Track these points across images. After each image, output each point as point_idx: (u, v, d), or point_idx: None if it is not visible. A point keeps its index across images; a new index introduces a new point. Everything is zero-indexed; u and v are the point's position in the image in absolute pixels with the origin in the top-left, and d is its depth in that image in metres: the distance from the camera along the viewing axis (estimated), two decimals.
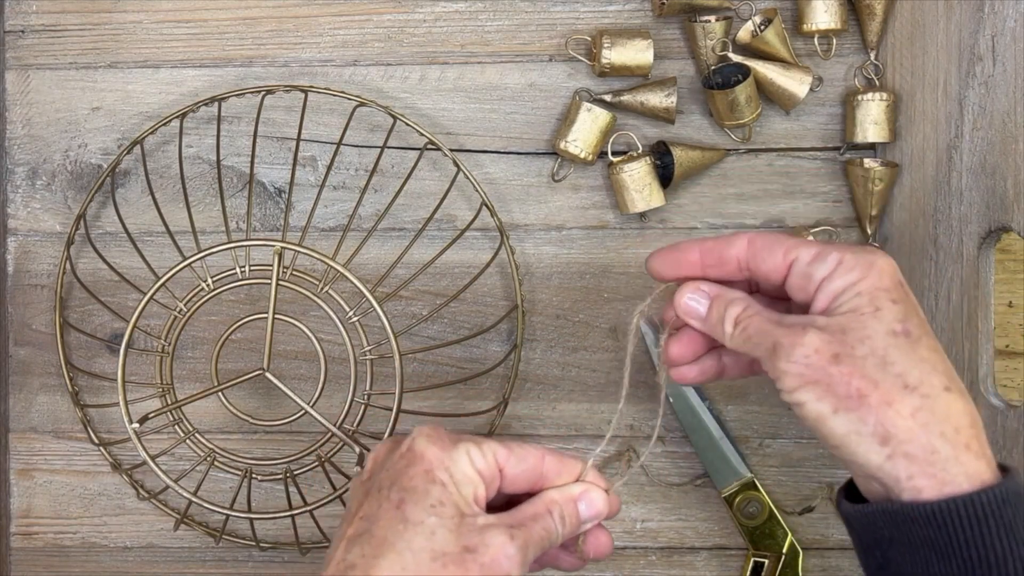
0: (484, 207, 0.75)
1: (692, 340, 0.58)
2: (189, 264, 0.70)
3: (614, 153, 0.75)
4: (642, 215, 0.76)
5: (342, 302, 0.75)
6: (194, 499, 0.72)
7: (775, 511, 0.76)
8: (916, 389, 0.48)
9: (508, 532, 0.49)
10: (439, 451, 0.50)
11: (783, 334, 0.50)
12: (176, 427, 0.77)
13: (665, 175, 0.75)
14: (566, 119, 0.75)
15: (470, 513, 0.49)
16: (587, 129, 0.74)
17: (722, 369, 0.60)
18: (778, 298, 0.56)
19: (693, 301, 0.56)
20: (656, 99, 0.74)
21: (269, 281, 0.71)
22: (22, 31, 0.78)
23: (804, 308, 0.53)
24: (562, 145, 0.74)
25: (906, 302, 0.51)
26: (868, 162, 0.74)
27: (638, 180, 0.74)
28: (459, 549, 0.48)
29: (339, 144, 0.74)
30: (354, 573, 0.47)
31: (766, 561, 0.76)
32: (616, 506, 0.55)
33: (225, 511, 0.73)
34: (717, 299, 0.55)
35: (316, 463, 0.76)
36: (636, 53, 0.73)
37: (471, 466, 0.50)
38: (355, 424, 0.74)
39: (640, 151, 0.74)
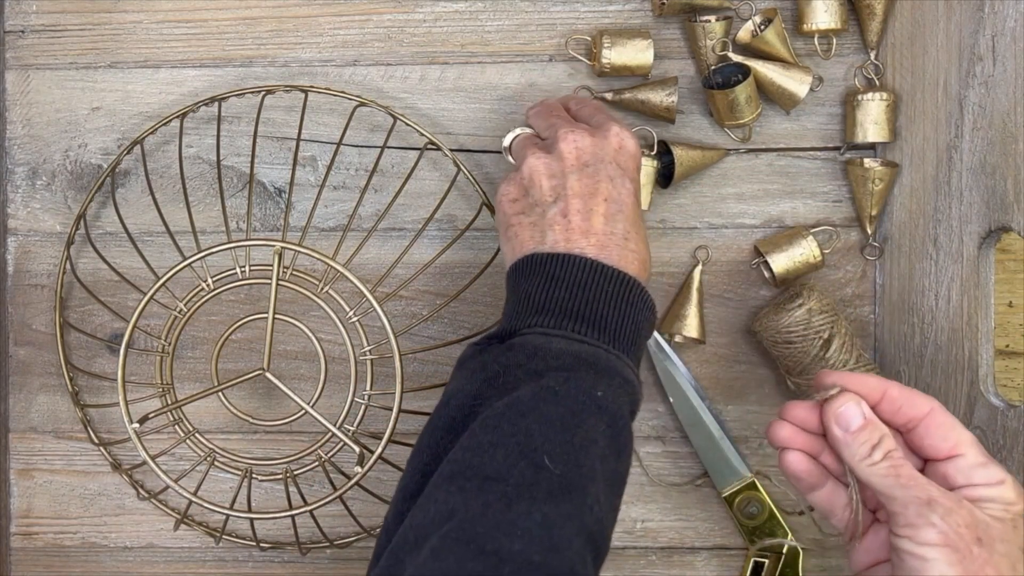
0: (484, 207, 0.75)
1: (809, 439, 0.61)
2: (189, 264, 0.70)
3: None
4: None
5: (342, 302, 0.75)
6: (194, 499, 0.72)
7: (775, 511, 0.76)
8: None
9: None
10: (638, 152, 0.64)
11: (939, 493, 0.54)
12: (176, 427, 0.77)
13: (665, 174, 0.75)
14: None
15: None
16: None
17: (821, 483, 0.61)
18: None
19: (851, 411, 0.57)
20: (657, 98, 0.74)
21: (269, 281, 0.71)
22: (22, 31, 0.78)
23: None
24: None
25: None
26: (868, 162, 0.74)
27: None
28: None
29: (339, 144, 0.74)
30: (629, 240, 0.60)
31: (766, 561, 0.76)
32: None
33: (225, 511, 0.73)
34: (874, 424, 0.57)
35: (316, 463, 0.76)
36: (636, 53, 0.73)
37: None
38: (355, 424, 0.74)
39: (652, 152, 0.74)
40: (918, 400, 0.58)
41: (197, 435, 0.77)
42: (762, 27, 0.74)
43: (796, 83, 0.73)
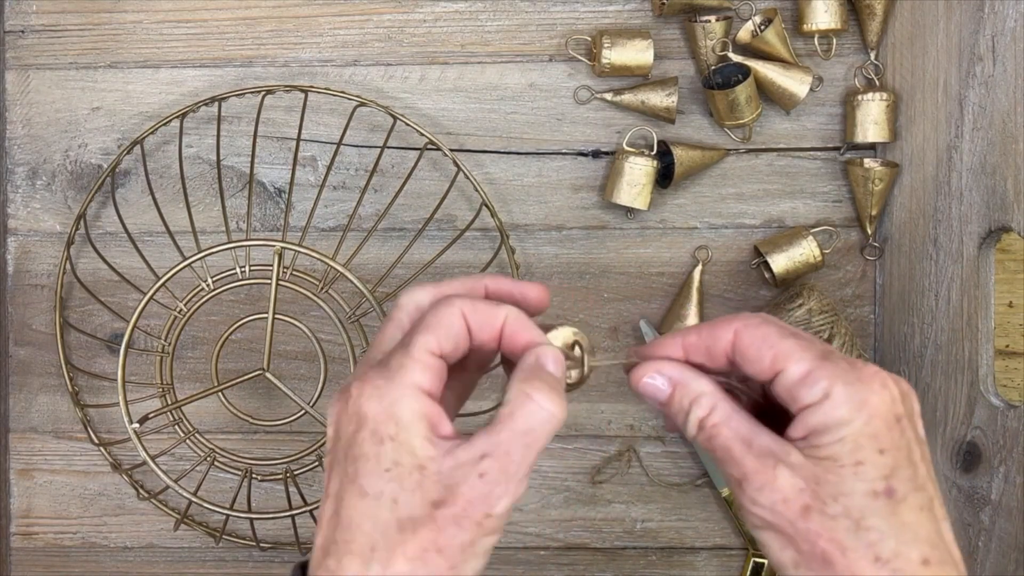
0: (484, 207, 0.75)
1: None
2: (189, 264, 0.70)
3: (630, 145, 0.75)
4: (628, 211, 0.76)
5: (342, 302, 0.75)
6: (194, 499, 0.72)
7: None
8: (888, 563, 0.43)
9: (478, 468, 0.43)
10: (378, 404, 0.44)
11: (752, 466, 0.45)
12: (176, 427, 0.77)
13: (665, 174, 0.75)
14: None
15: (430, 456, 0.44)
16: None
17: None
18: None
19: (652, 384, 0.48)
20: (657, 98, 0.74)
21: (269, 281, 0.71)
22: (22, 31, 0.78)
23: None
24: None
25: (896, 450, 0.45)
26: (868, 162, 0.74)
27: (636, 175, 0.74)
28: (427, 508, 0.43)
29: (339, 144, 0.74)
30: (330, 561, 0.44)
31: (766, 561, 0.76)
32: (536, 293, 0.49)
33: (225, 511, 0.73)
34: (680, 388, 0.47)
35: (316, 463, 0.76)
36: (636, 53, 0.73)
37: (418, 399, 0.44)
38: None
39: (652, 152, 0.74)
40: (718, 331, 0.47)
41: (197, 435, 0.77)
42: (762, 27, 0.74)
43: (796, 83, 0.73)
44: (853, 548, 0.43)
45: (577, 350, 0.48)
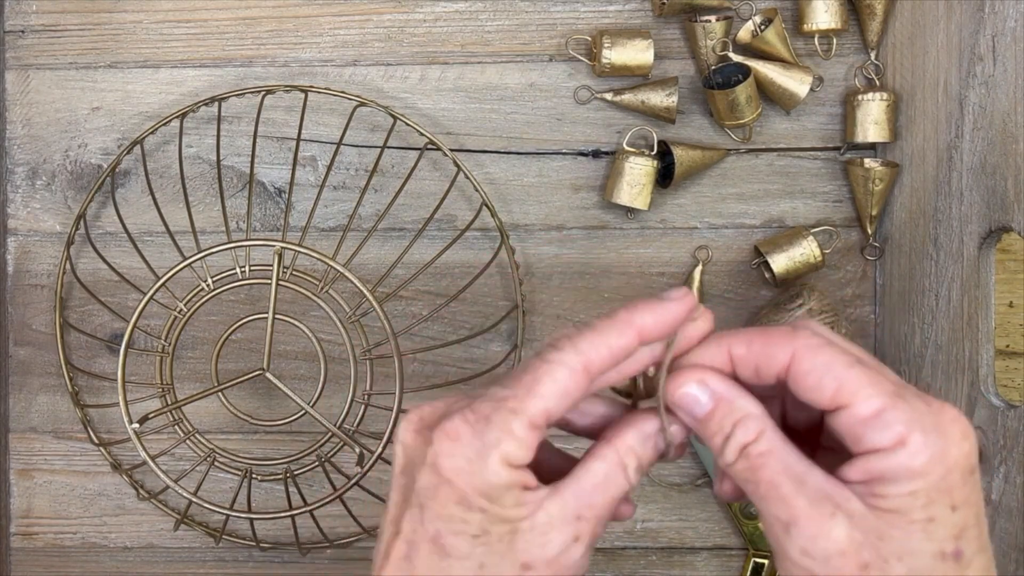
0: (484, 207, 0.75)
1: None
2: (189, 264, 0.70)
3: (630, 145, 0.75)
4: (629, 211, 0.76)
5: (342, 302, 0.75)
6: (194, 499, 0.72)
7: None
8: None
9: (573, 530, 0.41)
10: (467, 468, 0.41)
11: (805, 510, 0.40)
12: (176, 427, 0.77)
13: (665, 174, 0.75)
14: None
15: (522, 516, 0.41)
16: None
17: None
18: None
19: (691, 394, 0.42)
20: (657, 98, 0.74)
21: (269, 281, 0.71)
22: (22, 31, 0.78)
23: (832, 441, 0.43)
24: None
25: (967, 506, 0.40)
26: (868, 162, 0.74)
27: (636, 175, 0.74)
28: (516, 569, 0.41)
29: (339, 144, 0.74)
30: None
31: (766, 561, 0.76)
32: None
33: (225, 511, 0.73)
34: (724, 405, 0.42)
35: (316, 463, 0.76)
36: (636, 53, 0.73)
37: (509, 472, 0.41)
38: (355, 424, 0.74)
39: (652, 152, 0.74)
40: (772, 350, 0.41)
41: (197, 435, 0.77)
42: (762, 27, 0.74)
43: (796, 83, 0.73)
44: None
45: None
